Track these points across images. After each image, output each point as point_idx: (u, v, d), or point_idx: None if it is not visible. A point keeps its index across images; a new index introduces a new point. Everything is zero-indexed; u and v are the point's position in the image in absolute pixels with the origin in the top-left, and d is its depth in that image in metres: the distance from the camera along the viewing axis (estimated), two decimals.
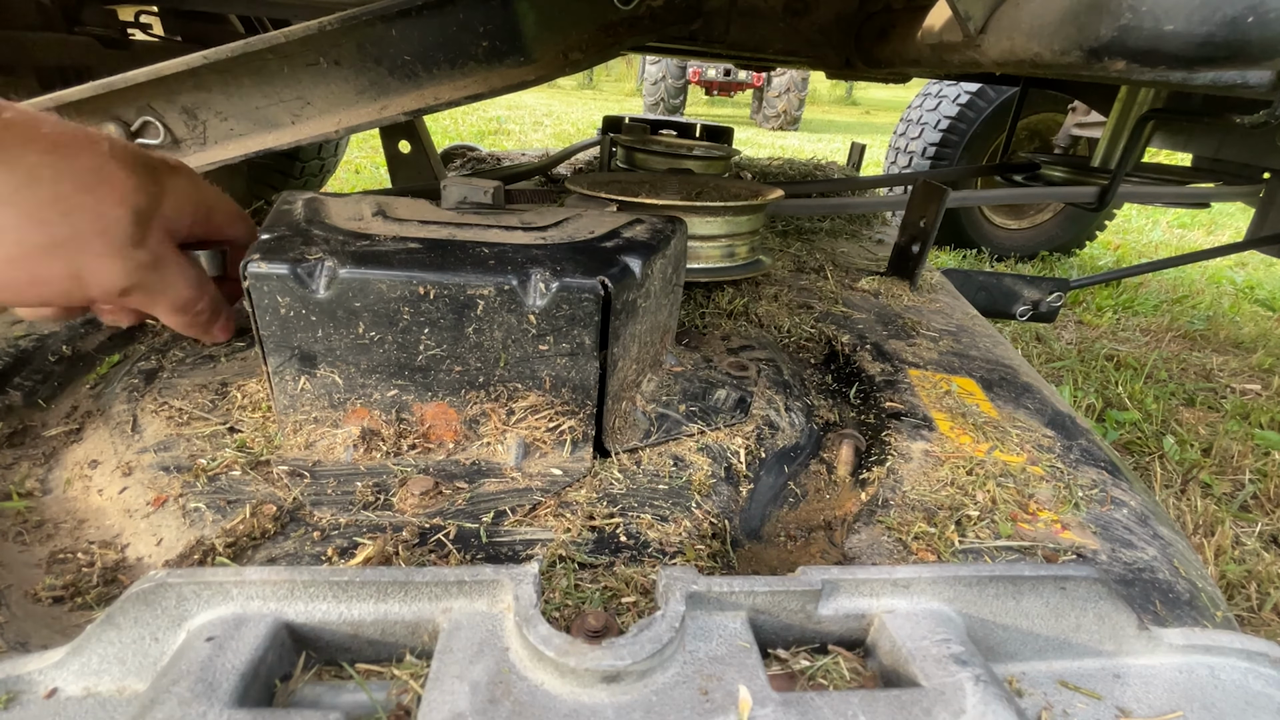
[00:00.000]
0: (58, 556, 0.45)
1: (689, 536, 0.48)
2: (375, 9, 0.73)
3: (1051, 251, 3.36)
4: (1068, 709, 0.34)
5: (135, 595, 0.31)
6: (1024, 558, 0.48)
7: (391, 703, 0.31)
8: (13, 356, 0.64)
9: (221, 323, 0.59)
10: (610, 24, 0.82)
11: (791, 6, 1.10)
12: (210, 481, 0.49)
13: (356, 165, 4.18)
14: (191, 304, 0.53)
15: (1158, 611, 0.45)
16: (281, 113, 0.78)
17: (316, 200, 0.60)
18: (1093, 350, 2.25)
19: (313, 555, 0.44)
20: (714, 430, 0.59)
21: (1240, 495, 1.49)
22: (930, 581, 0.35)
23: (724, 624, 0.33)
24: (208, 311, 0.56)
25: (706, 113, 13.95)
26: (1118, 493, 0.56)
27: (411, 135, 1.31)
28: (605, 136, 1.70)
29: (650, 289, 0.56)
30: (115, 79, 0.72)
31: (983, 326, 0.95)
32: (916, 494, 0.54)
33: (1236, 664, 0.36)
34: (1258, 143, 1.84)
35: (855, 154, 2.04)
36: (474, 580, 0.32)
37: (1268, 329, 2.62)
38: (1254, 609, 1.19)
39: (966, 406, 0.68)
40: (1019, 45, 0.64)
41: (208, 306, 0.55)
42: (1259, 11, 0.48)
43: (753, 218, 0.91)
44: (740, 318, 0.87)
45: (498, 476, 0.51)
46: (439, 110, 0.81)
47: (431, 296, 0.48)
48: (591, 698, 0.29)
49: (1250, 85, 0.63)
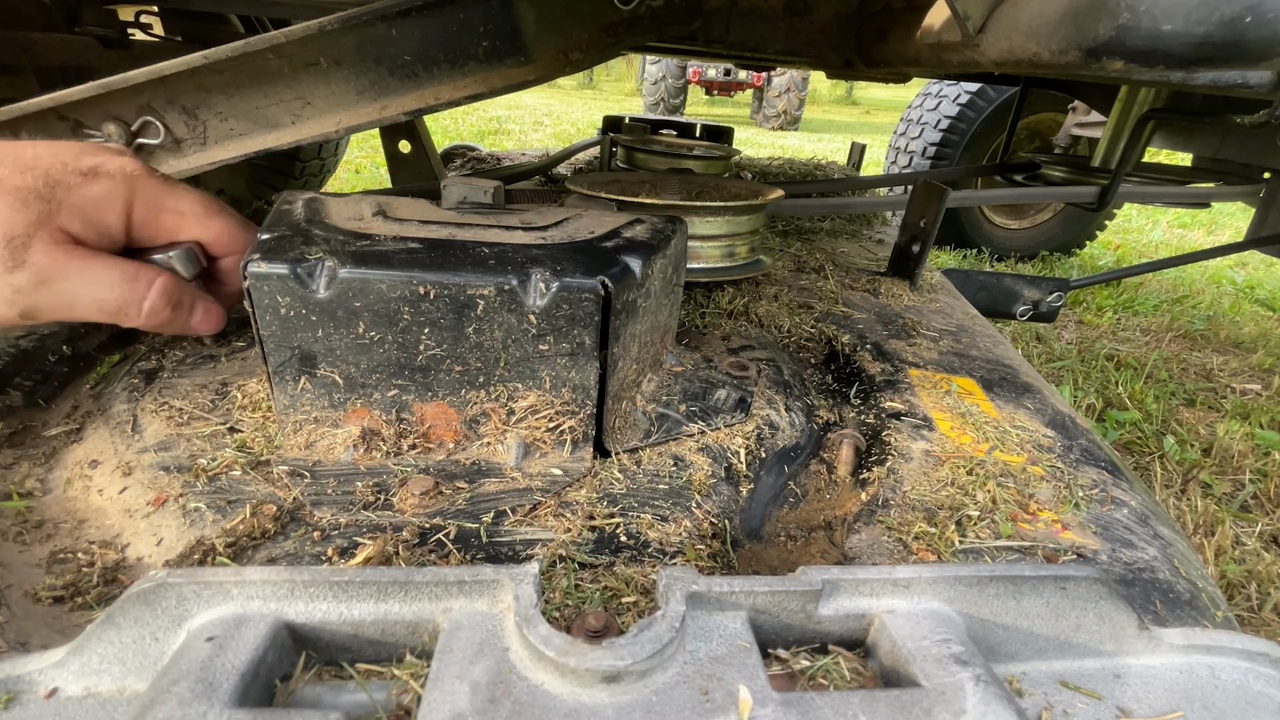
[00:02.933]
0: (58, 556, 0.45)
1: (689, 536, 0.48)
2: (375, 9, 0.73)
3: (1052, 251, 3.36)
4: (1068, 709, 0.34)
5: (135, 595, 0.31)
6: (1024, 558, 0.48)
7: (391, 703, 0.31)
8: (13, 356, 0.64)
9: (200, 316, 0.56)
10: (610, 24, 0.82)
11: (791, 6, 1.10)
12: (210, 481, 0.49)
13: (356, 165, 4.18)
14: (126, 304, 0.51)
15: (1158, 611, 0.45)
16: (281, 113, 0.78)
17: (316, 200, 0.60)
18: (1093, 350, 2.25)
19: (313, 555, 0.44)
20: (714, 430, 0.59)
21: (1240, 495, 1.49)
22: (931, 581, 0.35)
23: (724, 624, 0.33)
24: (164, 308, 0.53)
25: (706, 112, 13.95)
26: (1118, 493, 0.56)
27: (411, 135, 1.31)
28: (605, 136, 1.70)
29: (650, 289, 0.56)
30: (115, 79, 0.72)
31: (983, 326, 0.95)
32: (917, 494, 0.54)
33: (1237, 664, 0.36)
34: (1258, 143, 1.84)
35: (855, 154, 2.04)
36: (474, 580, 0.32)
37: (1268, 329, 2.62)
38: (1254, 609, 1.19)
39: (967, 406, 0.68)
40: (1018, 45, 0.64)
41: (161, 302, 0.52)
42: (1257, 12, 0.48)
43: (753, 218, 0.91)
44: (740, 318, 0.87)
45: (498, 476, 0.51)
46: (439, 110, 0.81)
47: (431, 296, 0.48)
48: (592, 698, 0.29)
49: (1250, 85, 0.63)
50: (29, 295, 0.47)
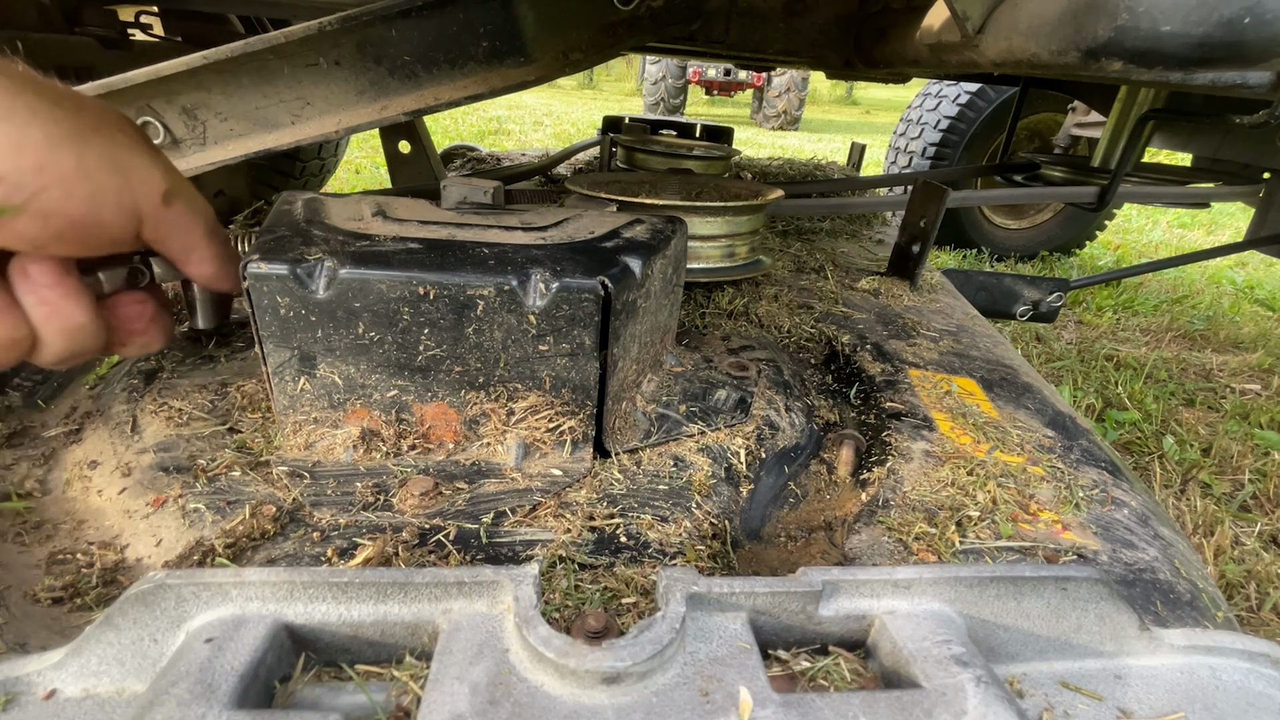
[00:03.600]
0: (57, 557, 0.45)
1: (689, 537, 0.48)
2: (375, 9, 0.73)
3: (1051, 251, 3.36)
4: (1069, 710, 0.34)
5: (134, 596, 0.31)
6: (1025, 558, 0.48)
7: (391, 704, 0.31)
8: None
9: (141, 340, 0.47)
10: (610, 24, 0.82)
11: (791, 7, 1.10)
12: (210, 482, 0.49)
13: (356, 165, 4.18)
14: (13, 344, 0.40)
15: (1159, 612, 0.45)
16: (281, 113, 0.78)
17: (316, 200, 0.60)
18: (1093, 350, 2.25)
19: (312, 556, 0.43)
20: (714, 430, 0.59)
21: (1240, 495, 1.49)
22: (931, 582, 0.35)
23: (724, 625, 0.33)
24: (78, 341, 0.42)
25: (706, 113, 13.95)
26: (1118, 493, 0.56)
27: (411, 135, 1.31)
28: (605, 136, 1.70)
29: (650, 289, 0.56)
30: (115, 79, 0.72)
31: (983, 326, 0.95)
32: (917, 494, 0.54)
33: (1237, 664, 0.36)
34: (1258, 143, 1.84)
35: (855, 154, 2.04)
36: (474, 581, 0.32)
37: (1268, 329, 2.62)
38: (1254, 609, 1.19)
39: (967, 407, 0.68)
40: (1017, 45, 0.64)
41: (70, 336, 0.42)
42: (1256, 12, 0.48)
43: (753, 218, 0.91)
44: (740, 318, 0.87)
45: (498, 477, 0.51)
46: (439, 110, 0.81)
47: (431, 297, 0.48)
48: (592, 699, 0.29)
49: (1250, 85, 0.63)
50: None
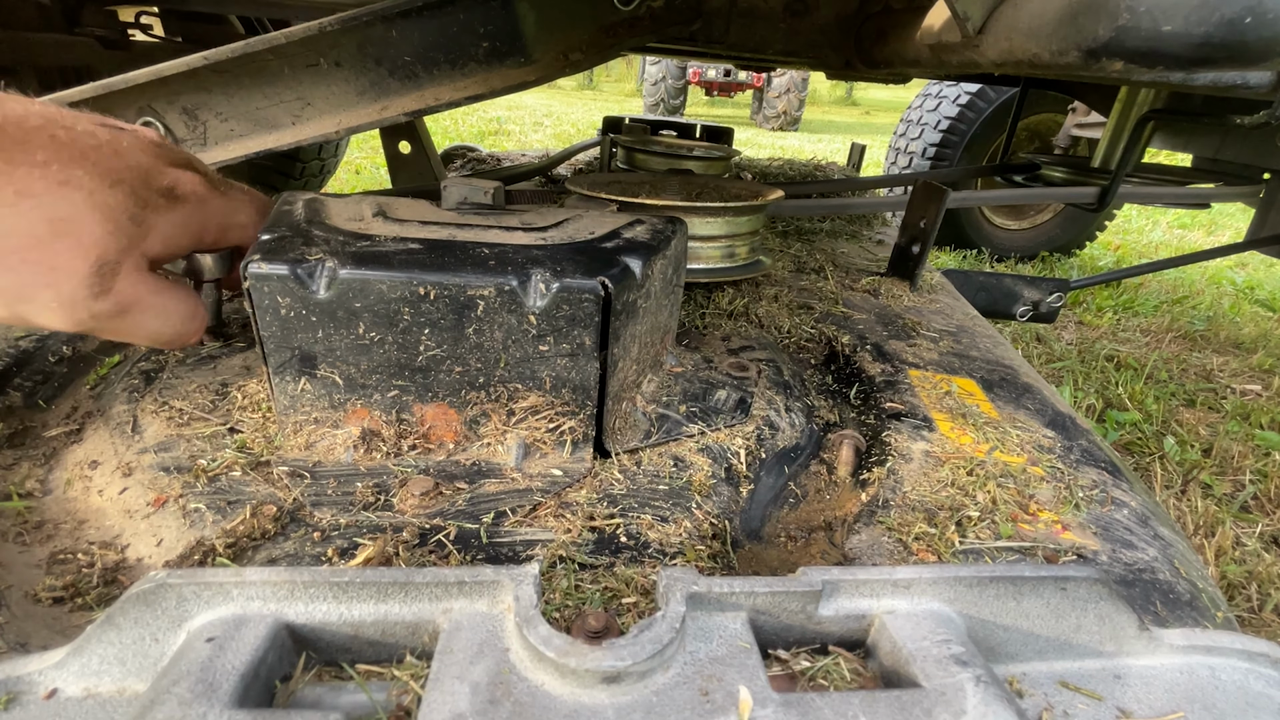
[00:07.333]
0: (58, 557, 0.45)
1: (689, 537, 0.48)
2: (375, 9, 0.73)
3: (1052, 252, 3.36)
4: (1068, 710, 0.34)
5: (135, 596, 0.31)
6: (1024, 558, 0.48)
7: (392, 703, 0.31)
8: (13, 357, 0.64)
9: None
10: (610, 25, 0.82)
11: (791, 7, 1.10)
12: (210, 482, 0.49)
13: (356, 165, 4.18)
14: (178, 337, 0.50)
15: (1158, 612, 0.45)
16: (282, 113, 0.78)
17: (316, 201, 0.60)
18: (1093, 351, 2.25)
19: (313, 556, 0.44)
20: (714, 431, 0.59)
21: (1241, 496, 1.49)
22: (931, 582, 0.35)
23: (724, 625, 0.33)
24: (192, 339, 0.52)
25: (706, 113, 13.95)
26: (1118, 493, 0.56)
27: (412, 136, 1.31)
28: (605, 137, 1.70)
29: (650, 289, 0.56)
30: (115, 79, 0.72)
31: (983, 327, 0.95)
32: (917, 494, 0.54)
33: (1237, 665, 0.36)
34: (1258, 143, 1.84)
35: (855, 154, 2.04)
36: (474, 581, 0.32)
37: (1268, 329, 2.62)
38: (1254, 609, 1.19)
39: (967, 407, 0.68)
40: (1017, 46, 0.64)
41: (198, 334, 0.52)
42: (1257, 12, 0.48)
43: (753, 218, 0.91)
44: (740, 318, 0.87)
45: (498, 477, 0.51)
46: (439, 111, 0.81)
47: (432, 297, 0.48)
48: (592, 698, 0.29)
49: (1250, 86, 0.63)
50: (102, 321, 0.45)
